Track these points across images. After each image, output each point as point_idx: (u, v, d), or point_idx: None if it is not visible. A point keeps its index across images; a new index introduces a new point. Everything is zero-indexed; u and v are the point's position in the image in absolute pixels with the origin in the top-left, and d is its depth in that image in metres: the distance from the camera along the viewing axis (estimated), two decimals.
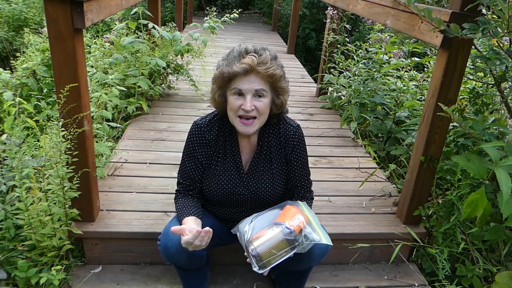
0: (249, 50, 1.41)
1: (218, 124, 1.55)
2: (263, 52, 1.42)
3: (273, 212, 1.45)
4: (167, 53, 3.47)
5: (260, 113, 1.44)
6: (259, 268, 1.29)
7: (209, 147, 1.55)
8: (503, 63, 1.68)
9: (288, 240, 1.29)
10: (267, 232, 1.32)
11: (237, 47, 1.44)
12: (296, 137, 1.57)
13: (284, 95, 1.49)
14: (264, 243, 1.29)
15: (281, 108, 1.52)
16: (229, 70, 1.39)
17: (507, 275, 1.57)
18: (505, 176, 1.49)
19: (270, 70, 1.40)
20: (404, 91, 3.11)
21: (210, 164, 1.56)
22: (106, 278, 1.82)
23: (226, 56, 1.46)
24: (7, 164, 1.89)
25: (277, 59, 1.46)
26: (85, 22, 1.52)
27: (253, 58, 1.38)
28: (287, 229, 1.29)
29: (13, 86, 2.78)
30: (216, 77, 1.45)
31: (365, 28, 6.44)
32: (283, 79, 1.47)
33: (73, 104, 1.63)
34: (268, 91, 1.44)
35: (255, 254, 1.28)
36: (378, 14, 2.24)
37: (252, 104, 1.41)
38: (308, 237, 1.31)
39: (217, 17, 4.02)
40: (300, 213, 1.37)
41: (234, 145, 1.56)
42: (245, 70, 1.38)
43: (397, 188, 2.39)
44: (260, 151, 1.57)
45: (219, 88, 1.47)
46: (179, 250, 1.45)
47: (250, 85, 1.40)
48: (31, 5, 5.94)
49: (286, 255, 1.30)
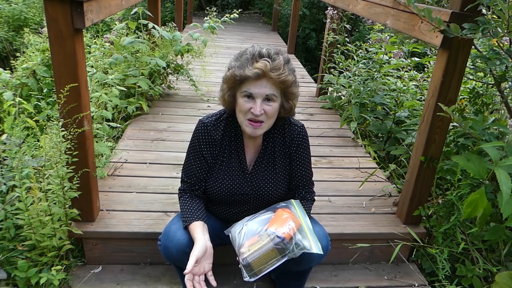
0: (263, 54, 1.39)
1: (224, 124, 1.55)
2: (276, 57, 1.40)
3: (265, 216, 1.45)
4: (167, 53, 3.47)
5: (269, 117, 1.44)
6: (249, 277, 1.29)
7: (215, 146, 1.55)
8: (503, 63, 1.68)
9: (278, 249, 1.29)
10: (258, 241, 1.32)
11: (251, 49, 1.42)
12: (300, 136, 1.57)
13: (294, 100, 1.49)
14: (255, 252, 1.29)
15: (290, 112, 1.51)
16: (241, 73, 1.38)
17: (507, 275, 1.57)
18: (505, 176, 1.49)
19: (282, 76, 1.39)
20: (404, 91, 3.11)
21: (215, 163, 1.56)
22: (106, 278, 1.82)
23: (239, 56, 1.44)
24: (7, 164, 1.89)
25: (290, 63, 1.45)
26: (85, 22, 1.52)
27: (266, 63, 1.36)
28: (278, 238, 1.29)
29: (13, 86, 2.78)
30: (227, 78, 1.44)
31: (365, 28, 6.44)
32: (294, 84, 1.46)
33: (73, 104, 1.63)
34: (279, 96, 1.44)
35: (245, 263, 1.29)
36: (378, 14, 2.24)
37: (262, 109, 1.40)
38: (299, 245, 1.31)
39: (217, 17, 4.02)
40: (292, 219, 1.36)
41: (240, 144, 1.56)
42: (257, 75, 1.37)
43: (397, 188, 2.39)
44: (265, 151, 1.57)
45: (230, 89, 1.46)
46: (179, 251, 1.46)
47: (261, 90, 1.39)
48: (31, 5, 5.94)
49: (277, 263, 1.30)
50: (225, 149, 1.56)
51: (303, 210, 1.47)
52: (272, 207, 1.49)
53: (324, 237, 1.52)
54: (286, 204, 1.48)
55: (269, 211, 1.47)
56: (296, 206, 1.47)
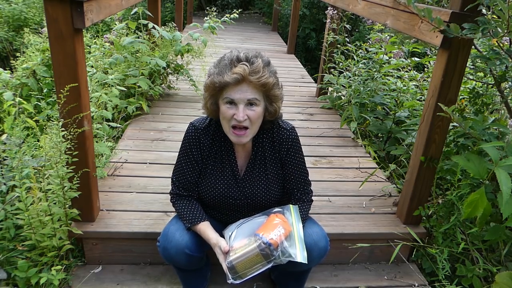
0: (241, 58, 1.36)
1: (213, 128, 1.53)
2: (255, 60, 1.37)
3: (259, 220, 1.44)
4: (167, 53, 3.47)
5: (253, 122, 1.41)
6: (233, 280, 1.30)
7: (204, 151, 1.53)
8: (503, 63, 1.68)
9: (264, 255, 1.28)
10: (244, 245, 1.32)
11: (229, 54, 1.40)
12: (290, 140, 1.54)
13: (277, 102, 1.46)
14: (240, 256, 1.29)
15: (275, 115, 1.48)
16: (220, 80, 1.36)
17: (507, 275, 1.57)
18: (505, 176, 1.49)
19: (262, 79, 1.36)
20: (404, 91, 3.11)
21: (206, 168, 1.55)
22: (106, 278, 1.82)
23: (218, 63, 1.42)
24: (7, 164, 1.89)
25: (270, 65, 1.42)
26: (85, 22, 1.52)
27: (245, 67, 1.33)
28: (263, 244, 1.28)
29: (13, 86, 2.78)
30: (208, 86, 1.42)
31: (365, 28, 6.44)
32: (276, 86, 1.43)
33: (73, 104, 1.63)
34: (261, 99, 1.41)
35: (230, 266, 1.30)
36: (378, 14, 2.24)
37: (245, 114, 1.38)
38: (285, 253, 1.30)
39: (217, 17, 4.02)
40: (282, 225, 1.34)
41: (230, 150, 1.54)
42: (236, 80, 1.34)
43: (397, 188, 2.39)
44: (255, 156, 1.55)
45: (211, 97, 1.45)
46: (178, 252, 1.46)
47: (242, 95, 1.36)
48: (31, 5, 5.94)
49: (262, 268, 1.30)
50: (216, 154, 1.54)
51: (298, 217, 1.44)
52: (268, 211, 1.48)
53: (323, 237, 1.51)
54: (281, 210, 1.46)
55: (263, 215, 1.46)
56: (293, 212, 1.45)
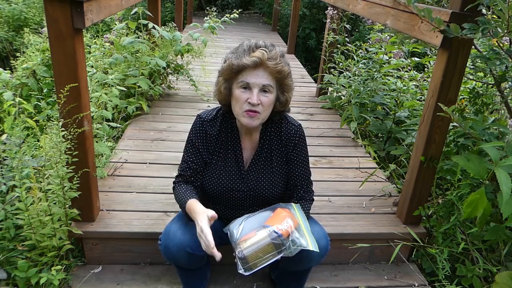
0: (259, 44, 1.43)
1: (220, 120, 1.56)
2: (272, 48, 1.43)
3: (264, 214, 1.45)
4: (167, 53, 3.47)
5: (265, 108, 1.44)
6: (244, 270, 1.30)
7: (211, 142, 1.55)
8: (503, 63, 1.68)
9: (275, 244, 1.29)
10: (255, 235, 1.32)
11: (247, 42, 1.46)
12: (297, 136, 1.57)
13: (289, 92, 1.51)
14: (251, 246, 1.29)
15: (285, 106, 1.52)
16: (238, 63, 1.40)
17: (507, 275, 1.57)
18: (505, 176, 1.49)
19: (279, 66, 1.41)
20: (404, 91, 3.11)
21: (211, 159, 1.56)
22: (106, 278, 1.82)
23: (235, 49, 1.46)
24: (7, 164, 1.89)
25: (285, 57, 1.48)
26: (85, 22, 1.52)
27: (264, 52, 1.39)
28: (275, 233, 1.29)
29: (13, 86, 2.78)
30: (224, 69, 1.45)
31: (365, 28, 6.44)
32: (290, 76, 1.48)
33: (73, 104, 1.63)
34: (274, 87, 1.45)
35: (241, 256, 1.29)
36: (378, 14, 2.24)
37: (258, 99, 1.41)
38: (296, 242, 1.31)
39: (217, 17, 4.02)
40: (290, 217, 1.37)
41: (236, 142, 1.56)
42: (255, 63, 1.39)
43: (397, 188, 2.39)
44: (261, 149, 1.57)
45: (226, 81, 1.47)
46: (179, 250, 1.46)
47: (258, 79, 1.41)
48: (31, 5, 5.94)
49: (273, 258, 1.30)
50: (222, 146, 1.56)
51: (302, 214, 1.47)
52: (272, 207, 1.50)
53: (323, 237, 1.52)
54: (286, 205, 1.48)
55: (268, 210, 1.48)
56: (296, 209, 1.47)
